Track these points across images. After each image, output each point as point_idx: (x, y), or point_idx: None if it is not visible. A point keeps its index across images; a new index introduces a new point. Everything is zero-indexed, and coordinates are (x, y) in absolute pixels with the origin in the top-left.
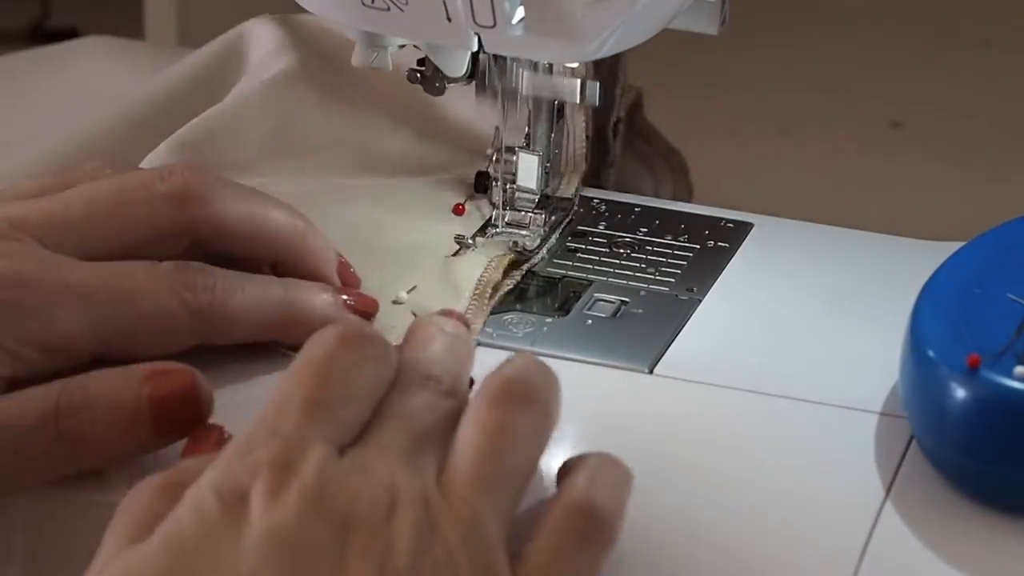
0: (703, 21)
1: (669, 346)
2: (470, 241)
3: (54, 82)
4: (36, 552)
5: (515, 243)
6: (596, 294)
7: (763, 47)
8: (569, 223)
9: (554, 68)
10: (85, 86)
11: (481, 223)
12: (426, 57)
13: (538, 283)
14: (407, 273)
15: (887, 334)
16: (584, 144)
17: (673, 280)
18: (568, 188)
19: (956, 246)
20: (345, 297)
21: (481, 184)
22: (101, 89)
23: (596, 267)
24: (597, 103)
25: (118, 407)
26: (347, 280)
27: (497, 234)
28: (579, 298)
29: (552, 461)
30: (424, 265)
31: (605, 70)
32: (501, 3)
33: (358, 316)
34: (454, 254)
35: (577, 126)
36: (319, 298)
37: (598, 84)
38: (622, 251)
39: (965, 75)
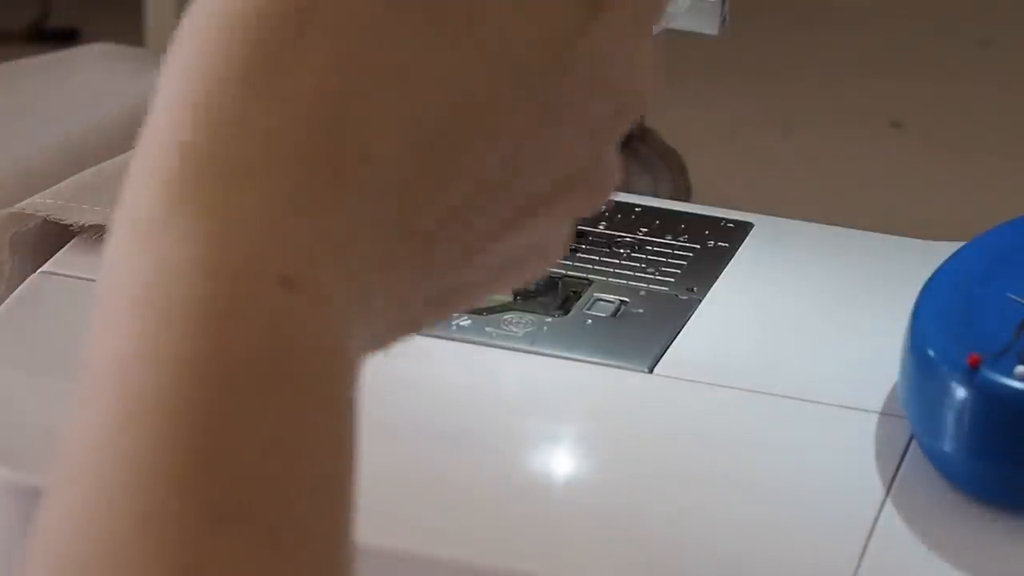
0: (703, 21)
1: (669, 346)
2: None
3: (58, 89)
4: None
5: None
6: (596, 294)
7: (763, 46)
8: None
9: None
10: (89, 94)
11: None
12: None
13: (538, 283)
14: None
15: (887, 334)
16: None
17: (673, 280)
18: None
19: (956, 246)
20: None
21: None
22: (105, 97)
23: (596, 267)
24: None
25: None
26: None
27: None
28: (579, 298)
29: (552, 461)
30: None
31: None
32: None
33: None
34: None
35: None
36: None
37: None
38: (622, 251)
39: (965, 75)
